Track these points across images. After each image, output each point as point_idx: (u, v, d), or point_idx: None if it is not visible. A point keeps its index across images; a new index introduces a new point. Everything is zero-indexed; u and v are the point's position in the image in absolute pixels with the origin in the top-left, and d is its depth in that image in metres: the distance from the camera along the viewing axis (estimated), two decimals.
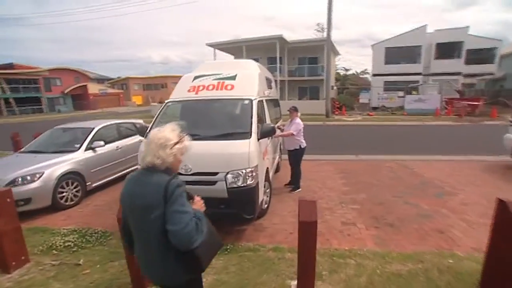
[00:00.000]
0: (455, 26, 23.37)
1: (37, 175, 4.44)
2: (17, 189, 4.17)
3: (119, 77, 52.95)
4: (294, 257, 2.50)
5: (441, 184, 5.44)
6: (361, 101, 25.11)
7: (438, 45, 23.33)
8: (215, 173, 3.39)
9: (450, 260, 2.90)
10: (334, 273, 2.78)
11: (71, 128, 6.06)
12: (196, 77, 4.57)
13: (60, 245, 3.42)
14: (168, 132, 1.45)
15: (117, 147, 6.01)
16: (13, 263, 2.87)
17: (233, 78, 4.37)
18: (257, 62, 5.46)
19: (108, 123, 6.21)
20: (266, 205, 4.31)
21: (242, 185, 3.39)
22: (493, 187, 5.18)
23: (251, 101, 4.02)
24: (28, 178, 4.37)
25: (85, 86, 40.90)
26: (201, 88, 4.34)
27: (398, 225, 3.85)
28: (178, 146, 1.45)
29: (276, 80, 19.00)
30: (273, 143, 5.25)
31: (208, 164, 3.39)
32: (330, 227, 3.84)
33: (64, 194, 4.77)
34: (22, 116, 30.96)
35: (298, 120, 5.14)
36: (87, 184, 5.22)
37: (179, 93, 4.46)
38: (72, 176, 4.91)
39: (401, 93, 21.83)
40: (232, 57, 26.20)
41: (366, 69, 42.68)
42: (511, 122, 6.42)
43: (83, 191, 5.12)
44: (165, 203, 1.32)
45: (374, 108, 22.65)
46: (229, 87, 4.25)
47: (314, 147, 7.27)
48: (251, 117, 3.82)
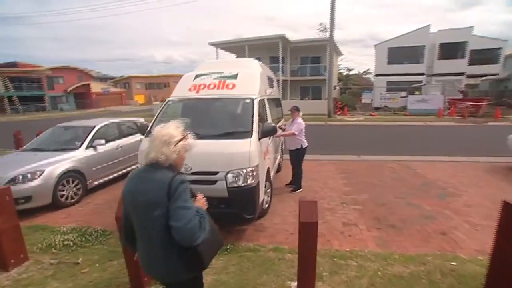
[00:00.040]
0: (459, 26, 23.16)
1: (38, 173, 4.44)
2: (18, 187, 4.19)
3: (122, 76, 53.02)
4: (295, 258, 2.47)
5: (444, 185, 5.38)
6: (364, 101, 25.00)
7: (442, 45, 23.14)
8: (216, 173, 3.37)
9: (453, 263, 2.86)
10: (335, 275, 2.75)
11: (73, 126, 6.06)
12: (197, 76, 4.55)
13: (59, 244, 3.41)
14: (173, 129, 1.45)
15: (118, 146, 6.01)
16: (12, 261, 2.87)
17: (235, 77, 4.34)
18: (259, 61, 5.42)
19: (109, 122, 6.20)
20: (267, 205, 4.28)
21: (243, 185, 3.36)
22: (497, 189, 5.12)
23: (252, 100, 3.99)
24: (29, 176, 4.37)
25: (88, 85, 41.05)
26: (202, 87, 4.32)
27: (400, 226, 3.81)
28: (182, 143, 1.45)
29: (278, 80, 19.02)
30: (275, 143, 5.21)
31: (209, 163, 3.36)
32: (331, 228, 3.80)
33: (65, 192, 4.76)
34: (25, 114, 31.11)
35: (300, 120, 5.11)
36: (88, 183, 5.22)
37: (180, 92, 4.44)
38: (73, 174, 4.90)
39: (404, 93, 21.71)
40: (234, 57, 26.16)
41: (369, 69, 42.73)
42: None
43: (84, 190, 5.12)
44: (169, 200, 1.32)
45: (377, 108, 22.52)
46: (230, 86, 4.22)
47: (316, 147, 7.24)
48: (252, 116, 3.80)
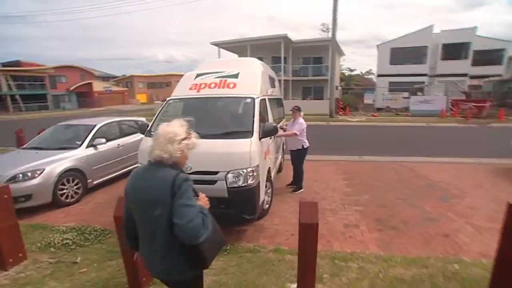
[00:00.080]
0: (462, 27, 23.01)
1: (38, 172, 4.43)
2: (18, 186, 4.19)
3: (124, 75, 53.13)
4: (295, 259, 2.44)
5: (447, 187, 5.33)
6: (366, 102, 24.89)
7: (445, 46, 23.01)
8: (216, 172, 3.34)
9: (456, 266, 2.81)
10: (335, 277, 2.71)
11: (74, 125, 6.06)
12: (198, 75, 4.52)
13: (58, 243, 3.40)
14: (177, 127, 1.46)
15: (119, 145, 6.00)
16: (10, 260, 2.85)
17: (236, 76, 4.31)
18: (261, 61, 5.39)
19: (110, 121, 6.20)
20: (268, 206, 4.25)
21: (243, 185, 3.33)
22: (501, 191, 5.06)
23: (253, 100, 3.96)
24: (29, 175, 4.36)
25: (90, 84, 41.12)
26: (203, 86, 4.29)
27: (402, 228, 3.76)
28: (186, 142, 1.46)
29: (280, 80, 18.98)
30: (276, 143, 5.18)
31: (209, 163, 3.33)
32: (332, 229, 3.77)
33: (65, 191, 4.75)
34: (28, 113, 31.23)
35: (301, 120, 5.08)
36: (88, 182, 5.21)
37: (181, 91, 4.42)
38: (73, 173, 4.90)
39: (406, 94, 21.61)
40: (237, 56, 26.14)
41: (371, 70, 42.62)
42: None
43: (84, 188, 5.11)
44: (172, 197, 1.32)
45: (379, 109, 22.42)
46: (231, 85, 4.19)
47: (317, 147, 7.20)
48: (253, 116, 3.76)
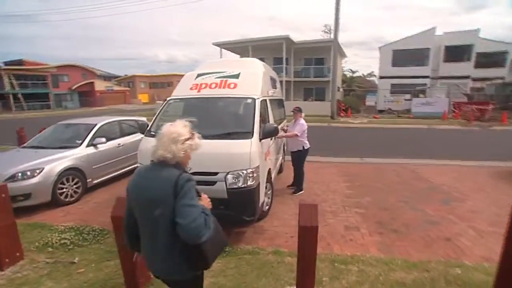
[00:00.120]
0: (465, 29, 22.90)
1: (37, 171, 4.42)
2: (17, 184, 4.18)
3: (126, 75, 53.24)
4: (294, 262, 2.41)
5: (449, 190, 5.28)
6: (368, 104, 24.85)
7: (447, 48, 22.93)
8: (215, 173, 3.31)
9: (458, 270, 2.77)
10: (335, 280, 2.68)
11: (74, 124, 6.05)
12: (199, 75, 4.50)
13: (56, 242, 3.37)
14: (181, 128, 1.47)
15: (119, 144, 5.98)
16: (7, 260, 2.83)
17: (237, 77, 4.29)
18: (262, 62, 5.36)
19: (111, 120, 6.19)
20: (267, 207, 4.22)
21: (243, 186, 3.30)
22: (503, 194, 5.01)
23: (254, 100, 3.93)
24: (28, 174, 4.35)
25: (92, 83, 41.20)
26: (204, 86, 4.27)
27: (403, 231, 3.72)
28: (189, 142, 1.47)
29: (282, 81, 18.94)
30: (276, 144, 5.15)
31: (208, 164, 3.30)
32: (332, 231, 3.73)
33: (64, 190, 4.74)
34: (30, 112, 31.33)
35: (302, 121, 5.05)
36: (88, 181, 5.19)
37: (181, 91, 4.40)
38: (73, 172, 4.88)
39: (408, 96, 21.52)
40: (238, 57, 26.14)
41: (373, 72, 42.49)
42: None
43: (84, 188, 5.09)
44: (175, 197, 1.32)
45: (380, 111, 22.33)
46: (232, 86, 4.17)
47: (318, 149, 7.16)
48: (254, 117, 3.74)
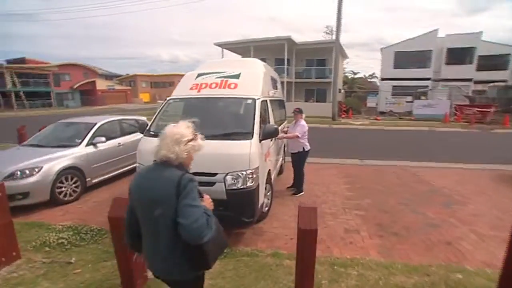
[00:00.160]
0: (467, 31, 22.84)
1: (36, 169, 4.40)
2: (16, 183, 4.17)
3: (127, 74, 53.24)
4: (293, 264, 2.38)
5: (450, 193, 5.24)
6: (369, 105, 24.75)
7: (449, 50, 22.83)
8: (214, 174, 3.28)
9: (459, 275, 2.73)
10: (334, 283, 2.65)
11: (74, 123, 6.03)
12: (199, 75, 4.48)
13: (53, 242, 3.35)
14: (184, 128, 1.47)
15: (119, 144, 5.96)
16: (3, 259, 2.80)
17: (237, 77, 4.26)
18: (264, 62, 5.34)
19: (111, 119, 6.17)
20: (267, 208, 4.18)
21: (242, 187, 3.27)
22: (505, 197, 4.96)
23: (254, 101, 3.91)
24: (27, 172, 4.33)
25: (94, 82, 41.25)
26: (204, 86, 4.24)
27: (404, 234, 3.68)
28: (192, 143, 1.47)
29: (283, 82, 18.91)
30: (277, 145, 5.12)
31: (207, 164, 3.26)
32: (332, 234, 3.70)
33: (63, 189, 4.72)
34: (32, 110, 31.39)
35: (303, 122, 5.02)
36: (87, 180, 5.17)
37: (181, 91, 4.37)
38: (72, 171, 4.86)
39: (410, 98, 21.46)
40: (240, 57, 26.16)
41: (374, 73, 42.45)
42: None
43: (83, 187, 5.07)
44: (177, 197, 1.32)
45: (382, 113, 22.27)
46: (233, 86, 4.14)
47: (319, 150, 7.12)
48: (254, 117, 3.71)
